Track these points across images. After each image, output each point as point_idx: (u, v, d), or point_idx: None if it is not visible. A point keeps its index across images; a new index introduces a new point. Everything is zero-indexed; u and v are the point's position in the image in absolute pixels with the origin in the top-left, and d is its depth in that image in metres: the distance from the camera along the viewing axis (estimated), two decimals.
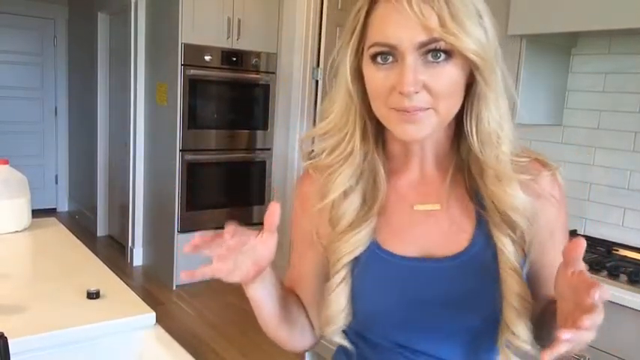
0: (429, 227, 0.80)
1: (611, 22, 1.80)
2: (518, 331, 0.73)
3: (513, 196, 0.74)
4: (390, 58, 0.70)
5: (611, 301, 1.67)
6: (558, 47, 2.23)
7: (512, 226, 0.76)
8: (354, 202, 0.79)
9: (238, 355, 3.01)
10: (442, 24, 0.67)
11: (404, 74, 0.68)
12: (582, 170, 2.26)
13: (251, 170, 4.20)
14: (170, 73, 3.81)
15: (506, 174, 0.75)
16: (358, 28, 0.74)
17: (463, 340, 0.79)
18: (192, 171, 3.89)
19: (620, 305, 1.64)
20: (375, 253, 0.79)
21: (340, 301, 0.79)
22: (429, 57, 0.69)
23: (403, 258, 0.78)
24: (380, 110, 0.74)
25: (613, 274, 1.74)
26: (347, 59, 0.76)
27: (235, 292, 3.86)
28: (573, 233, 2.24)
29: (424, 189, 0.81)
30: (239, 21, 3.90)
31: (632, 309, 1.62)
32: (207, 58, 3.80)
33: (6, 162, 1.88)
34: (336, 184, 0.79)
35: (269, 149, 4.22)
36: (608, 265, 1.80)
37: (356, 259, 0.79)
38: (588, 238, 2.15)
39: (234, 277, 0.72)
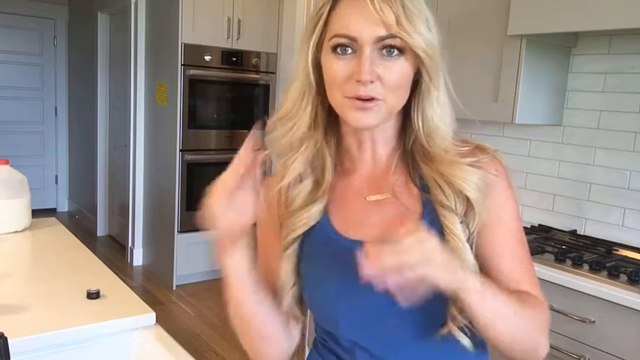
0: (381, 215, 0.86)
1: (611, 22, 1.80)
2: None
3: (465, 170, 0.81)
4: (349, 50, 0.78)
5: (611, 301, 1.67)
6: (558, 47, 2.23)
7: (460, 201, 0.81)
8: (307, 186, 0.87)
9: (238, 355, 3.00)
10: (398, 22, 0.75)
11: (362, 64, 0.76)
12: (582, 170, 2.26)
13: None
14: (170, 73, 3.81)
15: (453, 160, 0.83)
16: (320, 23, 0.81)
17: (413, 321, 0.82)
18: (192, 171, 3.89)
19: (620, 305, 1.64)
20: (329, 237, 0.86)
21: (287, 270, 0.87)
22: (384, 52, 0.77)
23: (355, 242, 0.83)
24: (336, 98, 0.81)
25: (613, 274, 1.74)
26: (308, 51, 0.83)
27: None
28: (573, 233, 2.24)
29: (376, 181, 0.88)
30: (239, 21, 3.90)
31: (632, 309, 1.62)
32: (207, 58, 3.81)
33: (6, 162, 1.88)
34: (291, 169, 0.87)
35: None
36: (608, 265, 1.80)
37: (309, 241, 0.86)
38: (588, 238, 2.16)
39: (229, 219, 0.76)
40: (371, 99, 0.77)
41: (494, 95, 2.19)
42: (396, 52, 0.77)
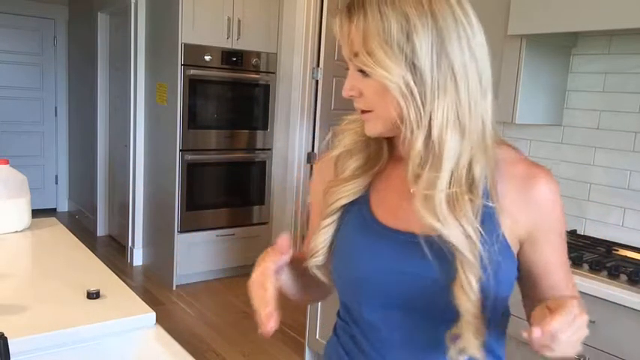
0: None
1: (611, 22, 1.80)
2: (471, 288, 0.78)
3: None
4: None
5: (611, 301, 1.67)
6: (558, 47, 2.23)
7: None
8: (357, 161, 0.90)
9: (238, 355, 3.01)
10: (355, 52, 0.77)
11: (346, 81, 0.81)
12: (582, 170, 2.26)
13: (251, 170, 4.21)
14: (170, 73, 3.81)
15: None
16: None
17: (443, 317, 0.82)
18: (192, 171, 3.89)
19: (620, 305, 1.64)
20: (365, 218, 0.88)
21: (325, 238, 0.90)
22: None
23: (392, 230, 0.85)
24: None
25: (613, 274, 1.74)
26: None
27: (235, 292, 3.87)
28: (573, 233, 2.24)
29: None
30: (239, 21, 3.90)
31: (632, 309, 1.62)
32: (207, 58, 3.81)
33: (6, 162, 1.88)
34: (345, 141, 0.91)
35: (269, 149, 4.22)
36: (608, 265, 1.80)
37: (346, 218, 0.89)
38: (588, 238, 2.16)
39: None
40: (362, 111, 0.82)
41: (494, 95, 2.19)
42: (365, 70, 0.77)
